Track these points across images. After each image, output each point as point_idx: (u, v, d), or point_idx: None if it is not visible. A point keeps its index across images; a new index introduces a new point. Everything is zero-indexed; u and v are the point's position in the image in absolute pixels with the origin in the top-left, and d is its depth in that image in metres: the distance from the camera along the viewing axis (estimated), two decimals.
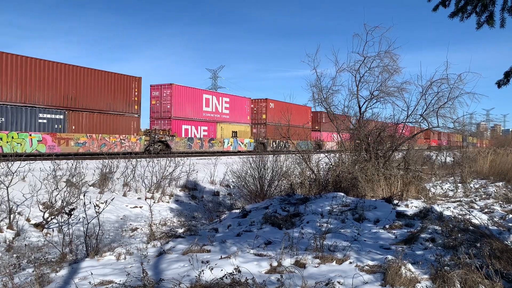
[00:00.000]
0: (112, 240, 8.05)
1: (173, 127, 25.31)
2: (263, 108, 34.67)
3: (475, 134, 44.27)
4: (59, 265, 5.17)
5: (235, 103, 31.37)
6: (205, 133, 27.94)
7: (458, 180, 14.38)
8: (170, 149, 23.78)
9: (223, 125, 29.60)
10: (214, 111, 28.86)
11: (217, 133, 28.91)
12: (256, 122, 34.68)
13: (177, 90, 25.73)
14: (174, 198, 12.84)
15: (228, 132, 30.03)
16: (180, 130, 25.89)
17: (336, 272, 4.36)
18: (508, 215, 7.98)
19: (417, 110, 11.67)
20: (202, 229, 7.57)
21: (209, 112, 28.50)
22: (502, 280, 3.79)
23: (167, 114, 25.53)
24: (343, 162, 11.24)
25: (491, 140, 57.23)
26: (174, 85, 25.39)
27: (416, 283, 3.91)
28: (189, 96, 26.87)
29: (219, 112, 29.45)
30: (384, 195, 9.29)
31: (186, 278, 4.23)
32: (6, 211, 8.12)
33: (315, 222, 6.62)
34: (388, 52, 11.46)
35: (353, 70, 12.00)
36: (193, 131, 26.90)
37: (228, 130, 30.08)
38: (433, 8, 4.59)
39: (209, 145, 27.97)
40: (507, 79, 4.33)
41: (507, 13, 4.15)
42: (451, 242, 5.22)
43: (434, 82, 11.18)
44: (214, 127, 28.81)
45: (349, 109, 12.44)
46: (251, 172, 11.19)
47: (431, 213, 7.10)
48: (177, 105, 25.63)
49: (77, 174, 10.83)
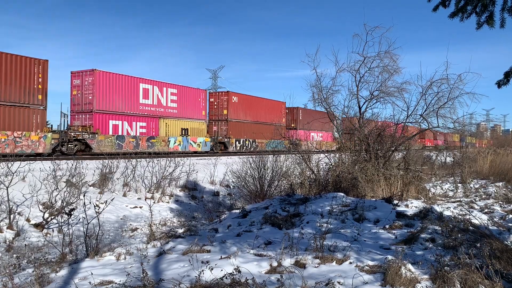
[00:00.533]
0: (112, 240, 8.05)
1: (96, 122, 21.01)
2: (225, 102, 30.27)
3: (474, 134, 44.24)
4: (59, 265, 5.17)
5: (186, 95, 26.65)
6: (143, 130, 23.58)
7: (458, 180, 14.38)
8: (90, 149, 20.37)
9: (168, 121, 25.10)
10: (156, 104, 24.30)
11: (160, 130, 24.47)
12: (216, 118, 30.43)
13: (102, 77, 21.14)
14: (174, 198, 12.84)
15: (176, 129, 25.60)
16: (106, 126, 21.49)
17: (336, 272, 4.36)
18: (508, 215, 7.98)
19: (417, 110, 11.68)
20: (202, 229, 7.58)
21: (148, 105, 23.92)
22: (502, 280, 3.79)
23: (88, 106, 20.96)
24: (343, 162, 11.23)
25: (490, 140, 57.16)
26: (98, 71, 20.93)
27: (416, 283, 3.91)
28: (120, 85, 22.29)
29: (163, 106, 24.86)
30: (384, 195, 9.29)
31: (186, 278, 4.23)
32: (6, 211, 8.12)
33: (315, 222, 6.62)
34: (388, 52, 11.46)
35: (353, 70, 12.01)
36: (125, 128, 22.50)
37: (176, 127, 25.62)
38: (433, 8, 4.59)
39: (148, 144, 23.48)
40: (507, 79, 4.33)
41: (507, 13, 4.15)
42: (451, 242, 5.22)
43: (434, 82, 11.18)
44: (155, 123, 24.26)
45: (349, 109, 12.42)
46: (251, 172, 11.19)
47: (431, 213, 7.10)
48: (101, 95, 21.14)
49: (77, 174, 10.83)
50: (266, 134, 32.22)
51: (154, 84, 24.57)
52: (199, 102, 27.84)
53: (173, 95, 25.74)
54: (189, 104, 26.97)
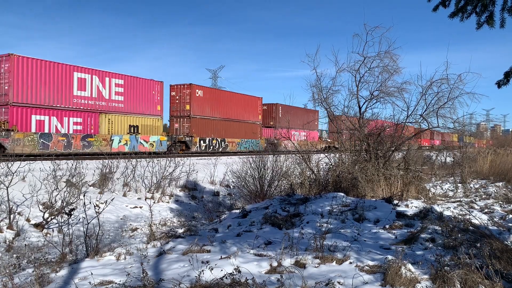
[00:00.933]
0: (112, 240, 8.05)
1: (14, 117, 17.77)
2: (187, 96, 26.70)
3: (474, 134, 44.17)
4: (59, 265, 5.17)
5: (136, 87, 23.07)
6: (78, 127, 20.17)
7: (458, 180, 14.38)
8: (4, 149, 17.03)
9: (112, 116, 21.62)
10: (95, 97, 20.82)
11: (100, 127, 21.07)
12: (178, 114, 26.99)
13: (21, 64, 17.96)
14: (174, 198, 12.84)
15: (122, 126, 22.19)
16: (28, 122, 18.32)
17: (336, 272, 4.36)
18: (508, 215, 7.98)
19: (417, 110, 11.67)
20: (202, 229, 7.58)
21: (85, 98, 20.52)
22: (502, 280, 3.79)
23: (4, 98, 17.77)
24: (343, 162, 11.24)
25: (490, 140, 57.09)
26: (15, 56, 17.71)
27: (416, 283, 3.91)
28: (47, 74, 18.99)
29: (105, 99, 21.36)
30: (384, 195, 9.29)
31: (186, 278, 4.23)
32: (6, 211, 8.12)
33: (315, 222, 6.62)
34: (388, 52, 11.44)
35: (353, 70, 11.99)
36: (53, 124, 19.20)
37: (122, 124, 22.18)
38: (433, 8, 4.59)
39: (84, 144, 20.20)
40: (507, 79, 4.33)
41: (507, 13, 4.15)
42: (451, 242, 5.22)
43: (434, 82, 11.17)
44: (94, 119, 20.81)
45: (349, 109, 12.41)
46: (251, 172, 11.19)
47: (431, 213, 7.10)
48: (20, 85, 17.91)
49: (77, 174, 10.83)
50: (239, 132, 30.60)
51: (93, 73, 20.94)
52: (153, 95, 24.00)
53: (119, 87, 22.09)
54: (140, 97, 23.27)
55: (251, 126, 32.31)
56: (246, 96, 32.63)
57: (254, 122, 32.80)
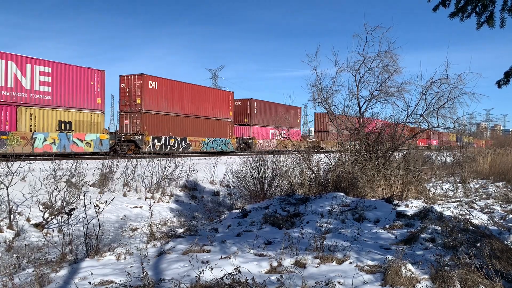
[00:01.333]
0: (112, 240, 8.06)
1: None
2: (138, 88, 23.16)
3: (474, 134, 44.08)
4: (59, 265, 5.17)
5: (68, 77, 19.58)
6: None
7: (458, 180, 14.38)
8: None
9: (35, 110, 18.32)
10: (11, 87, 17.43)
11: (18, 123, 17.78)
12: (128, 109, 23.48)
13: None
14: (174, 198, 12.84)
15: (49, 122, 18.90)
16: None
17: (336, 272, 4.36)
18: (508, 215, 7.98)
19: (417, 110, 11.65)
20: (202, 229, 7.58)
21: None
22: (502, 280, 3.79)
23: None
24: (343, 162, 11.24)
25: (489, 140, 57.02)
26: None
27: (416, 283, 3.91)
28: None
29: (26, 89, 17.96)
30: (384, 195, 9.29)
31: (186, 278, 4.23)
32: (6, 211, 8.12)
33: (315, 222, 6.63)
34: (388, 52, 11.43)
35: (353, 70, 11.98)
36: None
37: (49, 120, 18.90)
38: (433, 8, 4.59)
39: None
40: (507, 79, 4.33)
41: (507, 13, 4.15)
42: (451, 242, 5.22)
43: (434, 82, 11.16)
44: (10, 114, 17.53)
45: (349, 109, 12.40)
46: (251, 172, 11.19)
47: (431, 213, 7.10)
48: None
49: (77, 174, 10.84)
50: (205, 130, 27.61)
51: (9, 58, 17.41)
52: (91, 86, 20.52)
53: (45, 76, 18.67)
54: (74, 88, 19.76)
55: (220, 124, 29.05)
56: (213, 90, 29.82)
57: (224, 119, 29.37)
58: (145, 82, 23.27)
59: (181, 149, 25.28)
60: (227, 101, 29.81)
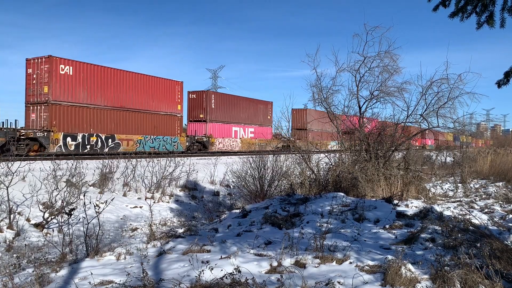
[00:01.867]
0: (112, 240, 8.06)
1: None
2: (45, 74, 18.93)
3: (474, 134, 44.02)
4: (59, 265, 5.17)
5: None
6: None
7: (458, 180, 14.38)
8: None
9: None
10: None
11: None
12: (35, 100, 19.29)
13: None
14: (174, 198, 12.84)
15: None
16: None
17: (336, 272, 4.37)
18: (508, 215, 7.99)
19: (417, 110, 11.66)
20: (202, 229, 7.58)
21: None
22: (502, 280, 3.79)
23: None
24: (343, 162, 11.24)
25: (488, 140, 56.93)
26: None
27: (416, 283, 3.91)
28: None
29: None
30: (384, 195, 9.29)
31: (186, 278, 4.23)
32: (6, 211, 8.12)
33: (315, 222, 6.63)
34: (388, 52, 11.44)
35: (353, 70, 11.98)
36: None
37: None
38: (433, 8, 4.59)
39: None
40: (507, 79, 4.33)
41: (507, 13, 4.15)
42: (451, 242, 5.22)
43: (434, 82, 11.16)
44: None
45: (349, 109, 12.40)
46: (251, 172, 11.19)
47: (431, 213, 7.10)
48: None
49: (77, 174, 10.84)
50: (143, 127, 23.19)
51: None
52: None
53: None
54: None
55: (165, 119, 24.45)
56: (155, 79, 23.98)
57: (171, 113, 24.73)
58: (54, 67, 18.92)
59: (107, 149, 20.52)
60: (175, 92, 24.82)
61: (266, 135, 31.86)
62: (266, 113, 33.98)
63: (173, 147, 24.69)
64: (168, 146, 24.41)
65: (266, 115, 33.92)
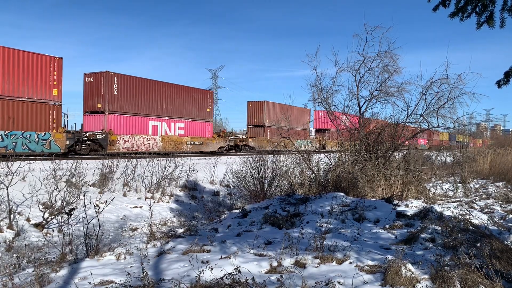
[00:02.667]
0: (112, 240, 8.06)
1: None
2: None
3: (474, 134, 43.91)
4: (59, 265, 5.17)
5: None
6: None
7: (458, 180, 14.38)
8: None
9: None
10: None
11: None
12: None
13: None
14: (174, 198, 12.84)
15: None
16: None
17: (336, 272, 4.36)
18: (508, 215, 7.98)
19: (417, 110, 11.66)
20: (202, 229, 7.57)
21: None
22: (502, 280, 3.79)
23: None
24: (343, 162, 11.24)
25: (487, 140, 56.77)
26: None
27: (416, 283, 3.91)
28: None
29: None
30: (384, 195, 9.29)
31: (186, 278, 4.23)
32: (6, 211, 8.12)
33: (315, 222, 6.62)
34: (388, 52, 11.44)
35: (353, 70, 11.98)
36: None
37: None
38: (433, 8, 4.59)
39: None
40: (507, 79, 4.33)
41: (507, 13, 4.15)
42: (451, 242, 5.22)
43: (434, 82, 11.16)
44: None
45: (349, 109, 12.40)
46: (251, 172, 11.19)
47: (431, 213, 7.10)
48: None
49: (77, 174, 10.84)
50: None
51: None
52: None
53: None
54: None
55: (30, 108, 17.43)
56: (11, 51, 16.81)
57: (41, 100, 17.77)
58: None
59: None
60: (46, 71, 17.87)
61: (204, 133, 26.48)
62: (204, 105, 26.77)
63: (43, 147, 17.99)
64: (33, 146, 17.63)
65: (205, 107, 26.81)
